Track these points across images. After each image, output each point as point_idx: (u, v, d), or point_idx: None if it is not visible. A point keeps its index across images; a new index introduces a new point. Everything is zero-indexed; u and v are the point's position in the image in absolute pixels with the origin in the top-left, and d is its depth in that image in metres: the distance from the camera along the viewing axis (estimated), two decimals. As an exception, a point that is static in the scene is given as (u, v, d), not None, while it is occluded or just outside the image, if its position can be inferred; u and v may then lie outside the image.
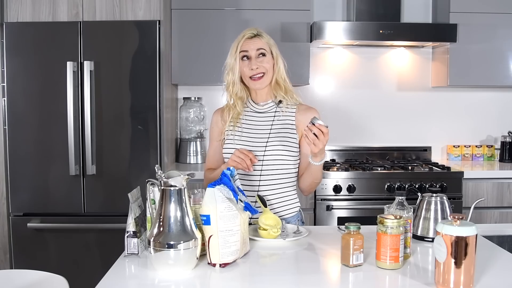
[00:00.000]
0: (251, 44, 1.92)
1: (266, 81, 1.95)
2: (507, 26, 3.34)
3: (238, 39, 1.95)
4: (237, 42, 1.94)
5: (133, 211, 1.53)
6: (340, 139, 3.66)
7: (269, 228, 1.68)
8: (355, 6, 3.34)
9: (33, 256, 2.93)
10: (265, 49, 1.93)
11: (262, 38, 1.95)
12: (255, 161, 1.84)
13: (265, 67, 1.92)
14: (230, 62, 1.95)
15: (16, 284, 1.66)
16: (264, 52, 1.93)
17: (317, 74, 3.62)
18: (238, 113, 1.99)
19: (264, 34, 1.96)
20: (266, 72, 1.93)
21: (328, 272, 1.46)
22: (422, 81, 3.70)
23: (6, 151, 2.90)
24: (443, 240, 1.24)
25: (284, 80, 1.98)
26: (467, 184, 3.13)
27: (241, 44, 1.93)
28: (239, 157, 1.82)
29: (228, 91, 2.00)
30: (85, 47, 2.86)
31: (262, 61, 1.92)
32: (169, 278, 1.36)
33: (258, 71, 1.92)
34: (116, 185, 2.91)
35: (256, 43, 1.93)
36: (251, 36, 1.94)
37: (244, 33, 1.95)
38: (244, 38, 1.93)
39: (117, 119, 2.91)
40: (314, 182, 1.97)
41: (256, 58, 1.92)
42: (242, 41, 1.93)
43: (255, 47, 1.92)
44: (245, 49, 1.92)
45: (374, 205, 2.99)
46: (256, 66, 1.91)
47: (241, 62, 1.94)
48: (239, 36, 1.96)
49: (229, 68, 1.96)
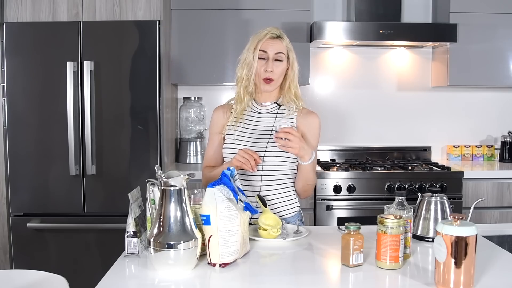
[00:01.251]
0: (272, 45, 1.90)
1: (275, 86, 1.95)
2: (507, 26, 3.34)
3: (260, 36, 1.91)
4: (258, 39, 1.91)
5: (133, 211, 1.53)
6: (340, 139, 3.66)
7: (269, 228, 1.68)
8: (355, 6, 3.34)
9: (33, 256, 2.93)
10: (283, 53, 1.91)
11: (283, 41, 1.93)
12: (259, 162, 1.85)
13: (277, 72, 1.91)
14: (248, 57, 1.91)
15: (16, 284, 1.66)
16: (281, 57, 1.91)
17: (317, 74, 3.62)
18: (243, 109, 1.98)
19: (285, 37, 1.94)
20: (277, 78, 1.92)
21: (328, 272, 1.46)
22: (422, 81, 3.70)
23: (6, 151, 2.90)
24: (443, 240, 1.24)
25: (296, 86, 1.98)
26: (467, 184, 3.13)
27: (262, 42, 1.90)
28: (243, 157, 1.82)
29: (241, 85, 1.96)
30: (85, 47, 2.86)
31: (278, 66, 1.91)
32: (169, 278, 1.36)
33: (270, 76, 1.91)
34: (116, 185, 2.91)
35: (277, 45, 1.91)
36: (273, 36, 1.91)
37: (267, 31, 1.91)
38: (266, 37, 1.90)
39: (117, 119, 2.91)
40: (308, 184, 1.97)
41: (273, 61, 1.90)
42: (264, 39, 1.90)
43: (275, 49, 1.90)
44: (265, 49, 1.90)
45: (374, 205, 2.99)
46: (271, 69, 1.90)
47: (257, 61, 1.92)
48: (260, 32, 1.92)
49: (245, 63, 1.93)
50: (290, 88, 1.98)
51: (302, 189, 1.99)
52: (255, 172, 1.86)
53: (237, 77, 1.98)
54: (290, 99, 1.99)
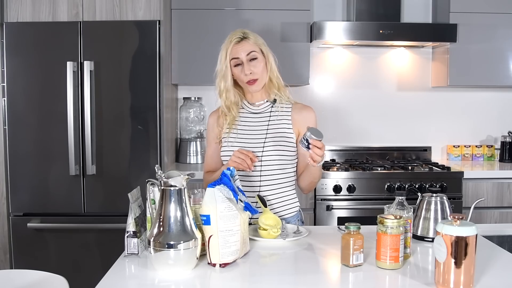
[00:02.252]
0: (240, 49, 1.89)
1: (261, 83, 1.94)
2: (507, 26, 3.34)
3: (226, 44, 1.91)
4: (226, 48, 1.90)
5: (133, 211, 1.53)
6: (340, 139, 3.66)
7: (269, 228, 1.68)
8: (355, 6, 3.34)
9: (33, 256, 2.93)
10: (255, 50, 1.90)
11: (249, 39, 1.91)
12: (255, 160, 1.84)
13: (258, 71, 1.91)
14: (222, 69, 1.91)
15: (16, 284, 1.66)
16: (255, 55, 1.90)
17: (317, 74, 3.62)
18: (234, 117, 1.98)
19: (250, 34, 1.92)
20: (260, 76, 1.92)
21: (328, 272, 1.46)
22: (422, 81, 3.70)
23: (6, 151, 2.90)
24: (443, 240, 1.24)
25: (277, 77, 1.97)
26: (467, 184, 3.13)
27: (230, 50, 1.89)
28: (239, 157, 1.82)
29: (222, 98, 1.97)
30: (85, 47, 2.86)
31: (255, 65, 1.90)
32: (169, 278, 1.36)
33: (252, 77, 1.90)
34: (116, 185, 2.91)
35: (244, 47, 1.90)
36: (238, 40, 1.90)
37: (231, 38, 1.90)
38: (232, 44, 1.89)
39: (117, 119, 2.91)
40: (314, 182, 1.98)
41: (249, 62, 1.89)
42: (230, 47, 1.89)
43: (245, 51, 1.89)
44: (235, 56, 1.89)
45: (374, 205, 2.99)
46: (250, 71, 1.89)
47: (234, 69, 1.91)
48: (226, 41, 1.92)
49: (220, 75, 1.93)
50: (271, 81, 1.96)
51: (308, 185, 2.00)
52: (252, 171, 1.86)
53: (219, 90, 1.96)
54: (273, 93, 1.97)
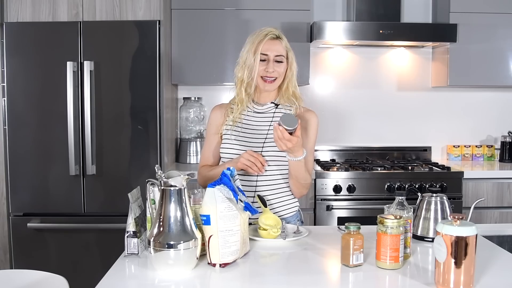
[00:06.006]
0: (272, 47, 1.89)
1: (276, 85, 1.94)
2: (507, 26, 3.34)
3: (259, 37, 1.89)
4: (258, 40, 1.88)
5: (133, 211, 1.53)
6: (340, 139, 3.66)
7: (269, 228, 1.68)
8: (355, 6, 3.34)
9: (33, 256, 2.93)
10: (283, 55, 1.90)
11: (282, 41, 1.92)
12: (265, 165, 1.84)
13: (279, 72, 1.91)
14: (249, 59, 1.89)
15: (16, 284, 1.66)
16: (281, 59, 1.90)
17: (317, 74, 3.62)
18: (243, 109, 1.97)
19: (284, 37, 1.93)
20: (279, 76, 1.92)
21: (328, 272, 1.46)
22: (422, 81, 3.70)
23: (6, 151, 2.90)
24: (443, 240, 1.24)
25: (295, 86, 1.96)
26: (467, 184, 3.13)
27: (263, 44, 1.88)
28: (248, 160, 1.81)
29: (241, 86, 1.93)
30: (85, 47, 2.86)
31: (279, 66, 1.90)
32: (169, 278, 1.36)
33: (272, 75, 1.90)
34: (116, 185, 2.91)
35: (277, 46, 1.90)
36: (273, 37, 1.90)
37: (267, 32, 1.89)
38: (266, 38, 1.88)
39: (117, 119, 2.91)
40: (299, 182, 1.91)
41: (274, 62, 1.89)
42: (264, 40, 1.88)
43: (276, 51, 1.89)
44: (265, 51, 1.88)
45: (374, 205, 2.99)
46: (272, 70, 1.89)
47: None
48: (259, 33, 1.90)
49: (245, 65, 1.90)
50: (288, 88, 1.96)
51: (294, 186, 1.94)
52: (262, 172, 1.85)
53: (237, 78, 1.95)
54: (288, 99, 1.97)
